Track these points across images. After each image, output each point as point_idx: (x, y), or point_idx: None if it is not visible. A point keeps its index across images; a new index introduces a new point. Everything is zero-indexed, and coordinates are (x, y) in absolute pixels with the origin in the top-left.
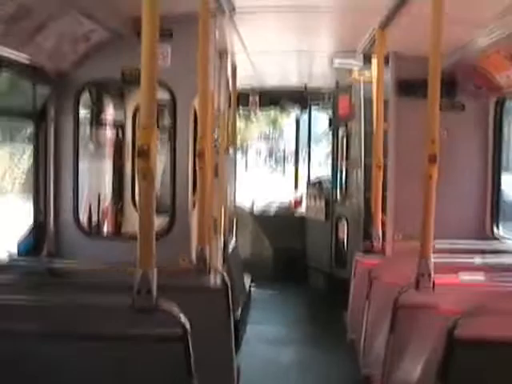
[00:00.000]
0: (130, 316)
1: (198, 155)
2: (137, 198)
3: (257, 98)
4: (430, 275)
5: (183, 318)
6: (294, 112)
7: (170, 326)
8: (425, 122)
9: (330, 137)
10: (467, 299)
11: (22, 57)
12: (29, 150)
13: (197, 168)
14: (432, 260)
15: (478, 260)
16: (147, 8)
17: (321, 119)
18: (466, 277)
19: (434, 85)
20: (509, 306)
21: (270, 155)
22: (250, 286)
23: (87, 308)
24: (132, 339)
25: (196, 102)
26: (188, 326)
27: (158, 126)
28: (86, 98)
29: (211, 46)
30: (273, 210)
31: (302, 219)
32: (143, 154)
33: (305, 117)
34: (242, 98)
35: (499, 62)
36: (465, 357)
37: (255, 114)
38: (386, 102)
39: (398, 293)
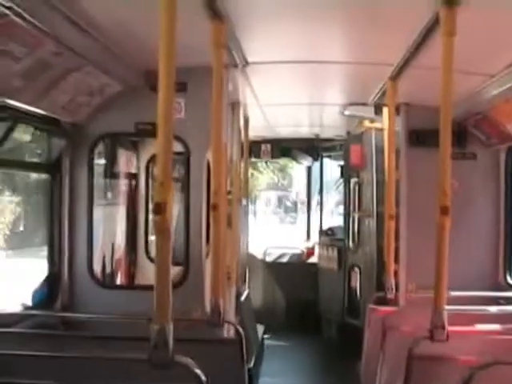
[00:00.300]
0: (146, 370)
1: (212, 208)
2: (150, 249)
3: (269, 148)
4: (443, 327)
5: (200, 372)
6: (306, 162)
7: (186, 379)
8: (436, 172)
9: (342, 186)
10: (483, 349)
11: (37, 110)
12: (17, 200)
13: (210, 220)
14: (446, 311)
15: (492, 309)
16: (164, 61)
17: (331, 167)
18: (481, 326)
19: (446, 137)
20: None
21: (280, 204)
22: (262, 337)
23: (103, 361)
24: None
25: (209, 154)
26: (204, 379)
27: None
28: (100, 148)
29: (224, 98)
30: (285, 259)
31: (315, 268)
32: (160, 210)
33: (316, 165)
34: (254, 149)
35: (509, 112)
36: None
37: (266, 164)
38: (397, 152)
39: (413, 344)
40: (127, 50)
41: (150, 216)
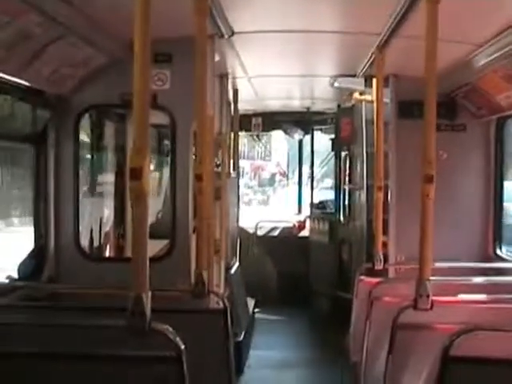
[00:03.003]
0: (124, 338)
1: (196, 179)
2: None
3: (260, 122)
4: (428, 296)
5: (177, 340)
6: (297, 135)
7: (164, 347)
8: (421, 141)
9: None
10: (466, 318)
11: (21, 81)
12: None
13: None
14: (431, 280)
15: (478, 280)
16: (139, 30)
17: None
18: (465, 296)
19: (431, 105)
20: (506, 322)
21: (254, 176)
22: (253, 310)
23: (84, 330)
24: (127, 361)
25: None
26: (182, 347)
27: (160, 150)
28: (87, 121)
29: (209, 69)
30: (277, 232)
31: (306, 242)
32: (136, 176)
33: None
34: (244, 122)
35: (497, 83)
36: (461, 376)
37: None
38: (386, 124)
39: (397, 313)
40: (111, 21)
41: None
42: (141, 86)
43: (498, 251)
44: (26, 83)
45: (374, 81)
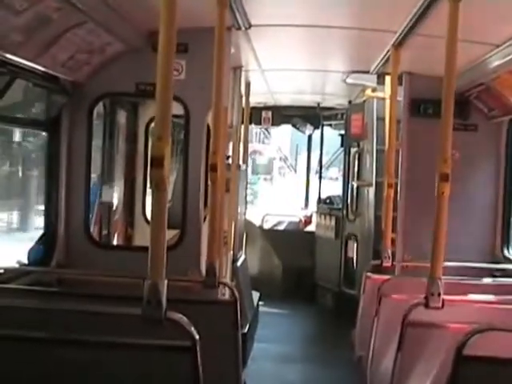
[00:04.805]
0: (139, 326)
1: (210, 170)
2: (147, 211)
3: (270, 115)
4: (439, 294)
5: (192, 330)
6: (307, 130)
7: (178, 337)
8: (437, 142)
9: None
10: (477, 318)
11: (37, 66)
12: None
13: (209, 182)
14: (442, 279)
15: (487, 280)
16: (164, 22)
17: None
18: (475, 296)
19: (448, 104)
20: None
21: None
22: (257, 303)
23: (96, 316)
24: (140, 348)
25: (209, 117)
26: (197, 337)
27: (173, 140)
28: (100, 108)
29: (226, 61)
30: (283, 226)
31: (312, 236)
32: (157, 164)
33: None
34: (254, 115)
35: (511, 84)
36: (473, 375)
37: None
38: (398, 121)
39: (408, 310)
40: (130, 10)
41: (149, 178)
42: (164, 76)
43: (506, 253)
44: (42, 69)
45: (388, 78)
